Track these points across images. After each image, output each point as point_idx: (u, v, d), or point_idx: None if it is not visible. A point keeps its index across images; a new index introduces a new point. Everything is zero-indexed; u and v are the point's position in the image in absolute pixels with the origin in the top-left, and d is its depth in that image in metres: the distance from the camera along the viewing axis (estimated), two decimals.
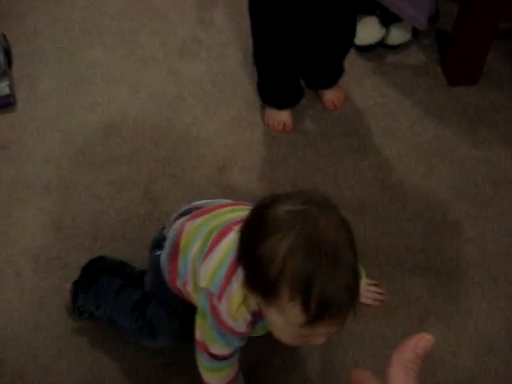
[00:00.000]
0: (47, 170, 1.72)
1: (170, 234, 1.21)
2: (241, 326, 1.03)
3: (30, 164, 1.73)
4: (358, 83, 1.93)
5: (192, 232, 1.14)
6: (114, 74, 1.97)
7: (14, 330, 1.43)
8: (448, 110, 1.88)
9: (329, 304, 0.83)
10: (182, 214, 1.24)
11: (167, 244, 1.21)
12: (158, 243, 1.26)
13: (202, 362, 1.13)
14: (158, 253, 1.24)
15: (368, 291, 1.46)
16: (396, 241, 1.57)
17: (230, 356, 1.11)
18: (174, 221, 1.24)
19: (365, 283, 1.45)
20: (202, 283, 1.05)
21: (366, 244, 1.56)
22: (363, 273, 1.39)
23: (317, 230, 0.84)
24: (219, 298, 1.01)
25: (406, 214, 1.63)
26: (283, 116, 1.80)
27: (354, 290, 0.86)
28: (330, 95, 1.86)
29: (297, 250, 0.82)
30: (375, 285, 1.48)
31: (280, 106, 1.79)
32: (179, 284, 1.18)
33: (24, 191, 1.68)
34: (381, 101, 1.88)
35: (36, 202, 1.65)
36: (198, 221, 1.15)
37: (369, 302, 1.46)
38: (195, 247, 1.10)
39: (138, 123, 1.82)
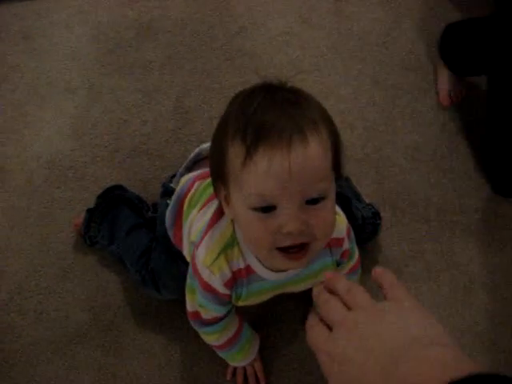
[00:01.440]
0: (72, 67, 1.55)
1: (178, 190, 1.11)
2: (217, 282, 0.91)
3: (53, 59, 1.56)
4: (430, 10, 1.68)
5: (196, 195, 1.04)
6: None
7: (18, 241, 1.31)
8: None
9: (265, 127, 0.71)
10: (189, 168, 1.15)
11: (173, 200, 1.11)
12: (168, 192, 1.16)
13: (196, 328, 1.06)
14: (168, 201, 1.13)
15: None
16: (451, 196, 1.39)
17: (217, 321, 1.02)
18: (183, 173, 1.15)
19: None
20: (192, 237, 0.99)
21: (417, 195, 1.39)
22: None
23: (281, 91, 0.77)
24: (197, 246, 0.92)
25: (466, 167, 1.43)
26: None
27: (302, 121, 0.72)
28: (446, 83, 1.53)
29: (246, 96, 0.77)
30: None
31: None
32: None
33: (44, 89, 1.51)
34: None
35: (56, 102, 1.49)
36: (204, 184, 1.04)
37: None
38: (195, 211, 1.02)
39: (176, 26, 1.62)
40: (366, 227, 1.25)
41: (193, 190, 1.05)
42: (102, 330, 1.23)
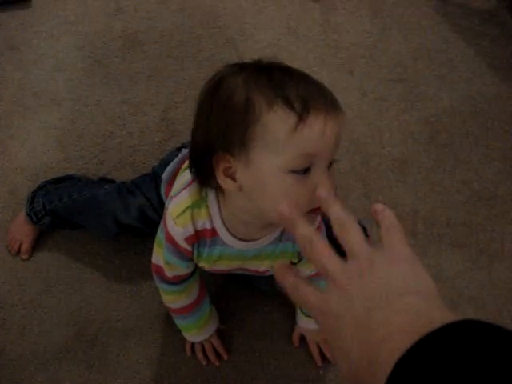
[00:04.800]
0: (57, 78, 1.54)
1: (184, 153, 1.13)
2: (178, 235, 0.93)
3: (39, 70, 1.55)
4: (417, 22, 1.70)
5: None
6: None
7: (1, 254, 1.29)
8: None
9: (309, 97, 0.76)
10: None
11: (177, 159, 1.13)
12: (181, 147, 1.21)
13: (156, 282, 1.09)
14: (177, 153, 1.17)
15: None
16: (437, 210, 1.39)
17: (177, 281, 1.06)
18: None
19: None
20: (172, 192, 1.00)
21: (404, 208, 1.38)
22: None
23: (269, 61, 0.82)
24: (172, 198, 0.96)
25: (452, 180, 1.43)
26: None
27: (331, 93, 0.80)
28: None
29: (254, 72, 0.79)
30: None
31: None
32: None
33: (30, 100, 1.50)
34: (441, 46, 1.65)
35: (41, 114, 1.48)
36: None
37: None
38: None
39: (163, 37, 1.62)
40: None
41: None
42: (86, 345, 1.21)
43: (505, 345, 0.36)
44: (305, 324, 1.19)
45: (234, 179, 0.81)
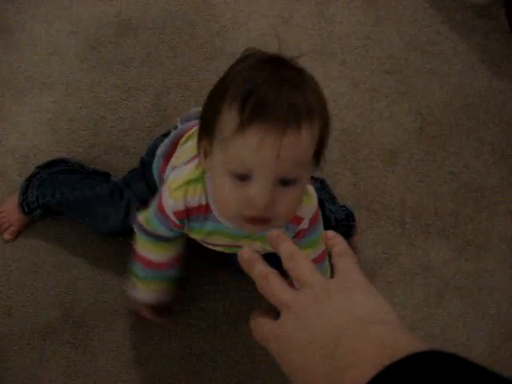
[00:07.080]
0: (50, 62, 1.53)
1: (179, 128, 1.15)
2: (169, 208, 0.95)
3: (31, 53, 1.54)
4: (411, 15, 1.70)
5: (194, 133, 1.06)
6: None
7: None
8: (506, 61, 1.66)
9: (264, 105, 0.75)
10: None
11: (172, 134, 1.15)
12: (168, 132, 1.19)
13: (135, 231, 1.07)
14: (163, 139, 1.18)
15: None
16: (425, 200, 1.40)
17: (158, 237, 1.04)
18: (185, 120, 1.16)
19: None
20: (175, 163, 1.04)
21: (392, 198, 1.39)
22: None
23: (281, 64, 0.82)
24: (174, 168, 1.00)
25: (441, 171, 1.44)
26: None
27: (299, 109, 0.77)
28: None
29: (254, 65, 0.80)
30: None
31: None
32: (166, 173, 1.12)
33: (21, 83, 1.49)
34: (434, 39, 1.66)
35: (33, 97, 1.48)
36: None
37: None
38: (192, 142, 1.05)
39: (157, 24, 1.61)
40: (339, 229, 1.25)
41: (194, 129, 1.07)
42: (72, 326, 1.22)
43: (465, 377, 0.37)
44: None
45: None
